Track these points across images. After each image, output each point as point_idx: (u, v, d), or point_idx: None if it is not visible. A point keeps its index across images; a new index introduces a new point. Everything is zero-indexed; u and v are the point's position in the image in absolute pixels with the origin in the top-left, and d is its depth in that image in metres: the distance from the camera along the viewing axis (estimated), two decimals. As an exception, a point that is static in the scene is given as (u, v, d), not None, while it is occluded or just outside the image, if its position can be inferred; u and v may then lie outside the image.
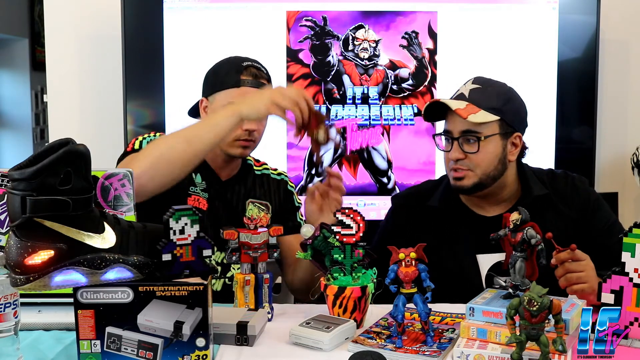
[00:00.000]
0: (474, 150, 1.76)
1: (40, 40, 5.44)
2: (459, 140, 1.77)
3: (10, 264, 1.14)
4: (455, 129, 1.78)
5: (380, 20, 2.80)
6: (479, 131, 1.75)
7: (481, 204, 1.86)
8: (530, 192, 1.83)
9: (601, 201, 1.88)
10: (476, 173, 1.77)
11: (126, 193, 1.43)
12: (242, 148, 1.84)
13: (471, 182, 1.78)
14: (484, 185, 1.79)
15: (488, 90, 1.79)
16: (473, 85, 1.79)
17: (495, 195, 1.84)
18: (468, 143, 1.76)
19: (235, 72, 1.82)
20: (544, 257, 1.42)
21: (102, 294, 1.22)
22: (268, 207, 1.91)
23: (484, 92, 1.77)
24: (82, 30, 2.96)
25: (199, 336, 1.24)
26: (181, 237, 1.26)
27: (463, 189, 1.80)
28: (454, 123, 1.78)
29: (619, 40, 3.00)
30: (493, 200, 1.85)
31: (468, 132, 1.76)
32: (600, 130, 2.93)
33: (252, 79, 1.82)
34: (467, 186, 1.79)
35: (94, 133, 2.95)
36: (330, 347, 1.35)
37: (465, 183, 1.79)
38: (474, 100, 1.75)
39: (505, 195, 1.85)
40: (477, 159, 1.77)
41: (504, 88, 1.82)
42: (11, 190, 1.12)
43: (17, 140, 5.84)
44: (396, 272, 1.37)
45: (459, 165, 1.78)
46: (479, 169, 1.77)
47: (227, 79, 1.82)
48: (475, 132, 1.75)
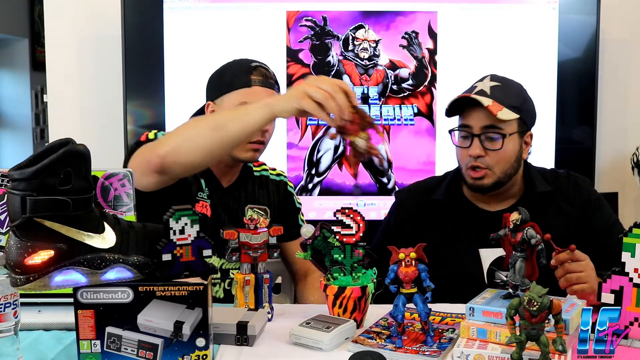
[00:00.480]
0: (497, 147, 1.76)
1: (40, 40, 5.44)
2: (480, 136, 1.76)
3: (10, 264, 1.14)
4: (476, 125, 1.77)
5: (380, 20, 2.80)
6: (502, 128, 1.76)
7: (486, 200, 1.86)
8: (534, 189, 1.84)
9: (602, 201, 1.89)
10: (495, 172, 1.78)
11: (126, 193, 1.43)
12: (253, 151, 1.81)
13: (491, 181, 1.79)
14: (502, 184, 1.81)
15: (508, 88, 1.80)
16: (492, 82, 1.79)
17: (503, 192, 1.85)
18: (491, 140, 1.76)
19: (245, 72, 1.80)
20: (544, 257, 1.41)
21: (102, 294, 1.22)
22: (267, 211, 1.90)
23: (504, 90, 1.78)
24: (82, 30, 2.96)
25: (199, 336, 1.24)
26: (181, 237, 1.26)
27: (483, 187, 1.80)
28: (476, 119, 1.77)
29: (619, 40, 3.00)
30: (499, 196, 1.85)
31: (491, 128, 1.76)
32: (600, 130, 2.93)
33: (262, 78, 1.80)
34: (487, 185, 1.79)
35: (94, 133, 2.95)
36: (330, 347, 1.35)
37: (485, 182, 1.79)
38: (497, 98, 1.75)
39: (511, 192, 1.86)
40: (498, 156, 1.77)
41: (520, 87, 1.85)
42: (11, 190, 1.12)
43: (17, 140, 5.84)
44: (396, 272, 1.37)
45: (478, 162, 1.77)
46: (497, 168, 1.78)
47: (237, 80, 1.80)
48: (499, 129, 1.75)
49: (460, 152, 1.83)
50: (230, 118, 1.54)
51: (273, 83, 1.82)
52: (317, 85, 1.41)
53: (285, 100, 1.46)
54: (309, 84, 1.42)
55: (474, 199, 1.88)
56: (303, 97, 1.41)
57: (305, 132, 2.80)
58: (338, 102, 1.39)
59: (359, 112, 1.40)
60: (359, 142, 1.38)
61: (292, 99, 1.44)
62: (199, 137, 1.52)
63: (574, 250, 1.53)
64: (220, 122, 1.53)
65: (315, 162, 2.81)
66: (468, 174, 1.81)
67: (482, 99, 1.74)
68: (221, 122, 1.52)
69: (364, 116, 1.40)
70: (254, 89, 1.78)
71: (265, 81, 1.80)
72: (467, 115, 1.79)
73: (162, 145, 1.56)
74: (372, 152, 1.41)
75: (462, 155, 1.82)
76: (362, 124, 1.39)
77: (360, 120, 1.39)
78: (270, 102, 1.49)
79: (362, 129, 1.39)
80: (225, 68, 1.87)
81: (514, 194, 1.87)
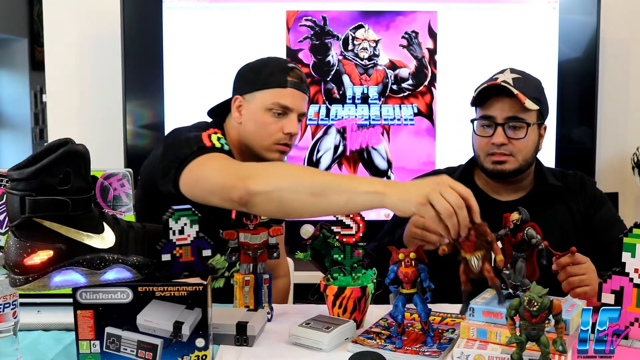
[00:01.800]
0: (521, 136, 1.78)
1: (39, 40, 5.44)
2: (503, 126, 1.79)
3: (9, 264, 1.14)
4: (500, 115, 1.79)
5: (380, 20, 2.80)
6: (526, 118, 1.78)
7: (498, 190, 1.88)
8: (545, 181, 1.87)
9: (606, 200, 1.93)
10: (517, 159, 1.80)
11: (125, 193, 1.43)
12: (280, 153, 1.77)
13: (512, 166, 1.81)
14: (521, 171, 1.83)
15: (528, 80, 1.83)
16: (513, 74, 1.81)
17: (518, 181, 1.87)
18: (514, 129, 1.79)
19: (281, 72, 1.75)
20: (545, 257, 1.42)
21: (101, 294, 1.22)
22: None
23: (526, 82, 1.81)
24: (82, 30, 2.96)
25: (198, 336, 1.24)
26: (180, 237, 1.26)
27: (504, 172, 1.81)
28: (500, 109, 1.79)
29: (619, 40, 3.00)
30: (513, 186, 1.87)
31: (515, 118, 1.78)
32: (601, 130, 2.93)
33: (298, 81, 1.76)
34: (508, 170, 1.81)
35: (93, 133, 2.95)
36: (330, 348, 1.35)
37: (506, 167, 1.81)
38: (520, 89, 1.77)
39: (524, 183, 1.89)
40: (521, 144, 1.80)
41: (538, 81, 1.88)
42: (10, 190, 1.12)
43: (16, 140, 5.84)
44: (396, 272, 1.37)
45: (502, 150, 1.79)
46: (520, 155, 1.80)
47: (272, 78, 1.75)
48: (523, 119, 1.78)
49: (479, 141, 1.84)
50: (335, 188, 1.33)
51: (306, 87, 1.80)
52: (443, 193, 1.24)
53: (403, 198, 1.26)
54: (434, 190, 1.24)
55: (487, 187, 1.90)
56: (424, 203, 1.23)
57: (305, 132, 2.80)
58: (460, 219, 1.23)
59: (479, 230, 1.26)
60: (473, 262, 1.27)
61: (410, 201, 1.25)
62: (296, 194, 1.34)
63: (575, 253, 1.54)
64: (323, 188, 1.33)
65: (315, 162, 2.81)
66: (489, 160, 1.82)
67: (512, 88, 1.77)
68: (325, 188, 1.33)
69: (483, 234, 1.26)
70: (288, 90, 1.74)
71: (300, 85, 1.76)
72: (490, 105, 1.80)
73: (255, 182, 1.37)
74: (486, 275, 1.29)
75: (481, 144, 1.83)
76: (479, 241, 1.26)
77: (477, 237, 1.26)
78: (385, 191, 1.28)
79: (477, 248, 1.27)
80: (260, 64, 1.81)
81: (526, 186, 1.89)
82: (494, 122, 1.79)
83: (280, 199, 1.35)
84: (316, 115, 2.80)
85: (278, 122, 1.74)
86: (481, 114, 1.83)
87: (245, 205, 1.38)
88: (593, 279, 1.54)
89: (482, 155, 1.84)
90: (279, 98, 1.73)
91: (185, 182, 1.51)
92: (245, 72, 1.81)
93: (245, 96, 1.77)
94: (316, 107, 2.80)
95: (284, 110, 1.74)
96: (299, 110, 1.76)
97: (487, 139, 1.81)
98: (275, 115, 1.74)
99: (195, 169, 1.50)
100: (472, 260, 1.26)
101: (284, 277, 2.03)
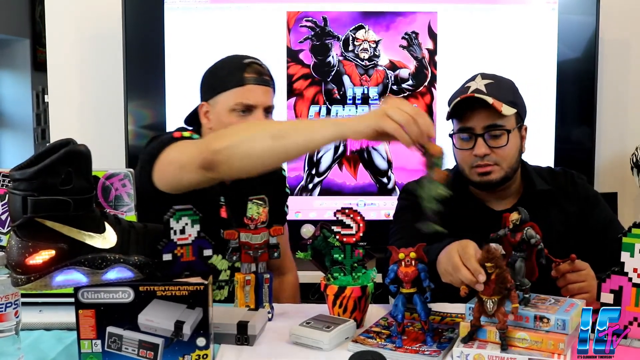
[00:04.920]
0: (503, 144, 1.74)
1: (41, 41, 5.44)
2: (483, 136, 1.75)
3: (11, 264, 1.15)
4: (478, 125, 1.74)
5: (380, 20, 2.80)
6: (504, 124, 1.75)
7: (488, 198, 1.84)
8: (534, 187, 1.83)
9: (599, 198, 1.89)
10: (502, 167, 1.76)
11: (127, 193, 1.43)
12: None
13: (498, 175, 1.76)
14: (508, 179, 1.79)
15: (501, 84, 1.79)
16: (485, 80, 1.78)
17: (505, 189, 1.83)
18: (494, 138, 1.75)
19: (238, 70, 1.74)
20: (544, 257, 1.42)
21: (102, 293, 1.22)
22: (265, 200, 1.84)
23: (499, 87, 1.77)
24: (83, 31, 2.97)
25: (199, 336, 1.24)
26: (182, 237, 1.26)
27: (491, 183, 1.77)
28: (477, 119, 1.74)
29: (618, 40, 3.00)
30: (501, 194, 1.84)
31: (494, 126, 1.74)
32: (600, 130, 2.93)
33: (257, 76, 1.74)
34: (495, 180, 1.77)
35: (95, 133, 2.95)
36: (330, 347, 1.35)
37: (492, 177, 1.76)
38: (494, 95, 1.73)
39: (512, 189, 1.85)
40: (504, 152, 1.76)
41: (510, 82, 1.84)
42: (12, 190, 1.13)
43: (18, 141, 5.84)
44: (396, 272, 1.37)
45: (486, 161, 1.75)
46: (505, 163, 1.76)
47: (230, 78, 1.74)
48: (502, 126, 1.74)
49: (461, 154, 1.79)
50: (293, 129, 1.43)
51: (268, 80, 1.77)
52: (399, 107, 1.31)
53: (360, 120, 1.34)
54: (390, 106, 1.31)
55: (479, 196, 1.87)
56: (383, 117, 1.29)
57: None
58: (420, 125, 1.30)
59: (500, 276, 1.29)
60: (488, 305, 1.30)
61: (368, 119, 1.32)
62: (256, 141, 1.40)
63: (574, 260, 1.53)
64: (281, 131, 1.40)
65: (315, 162, 2.81)
66: (474, 172, 1.77)
67: (486, 98, 1.73)
68: (283, 132, 1.40)
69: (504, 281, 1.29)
70: (248, 87, 1.73)
71: (260, 78, 1.75)
72: (467, 117, 1.76)
73: (217, 141, 1.44)
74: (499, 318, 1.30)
75: (464, 157, 1.78)
76: (497, 287, 1.30)
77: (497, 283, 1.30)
78: (341, 121, 1.37)
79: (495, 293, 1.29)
80: (216, 66, 1.81)
81: (514, 192, 1.85)
82: (473, 133, 1.75)
83: (243, 150, 1.40)
84: (317, 115, 2.80)
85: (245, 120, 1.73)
86: (459, 127, 1.78)
87: (212, 167, 1.42)
88: (592, 286, 1.52)
89: (466, 169, 1.79)
90: (240, 97, 1.73)
91: (157, 171, 1.56)
92: (206, 77, 1.82)
93: (210, 101, 1.78)
94: (317, 107, 2.80)
95: (248, 108, 1.73)
96: (264, 104, 1.75)
97: (468, 152, 1.76)
98: (241, 114, 1.73)
99: (164, 156, 1.58)
100: (487, 302, 1.29)
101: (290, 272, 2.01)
